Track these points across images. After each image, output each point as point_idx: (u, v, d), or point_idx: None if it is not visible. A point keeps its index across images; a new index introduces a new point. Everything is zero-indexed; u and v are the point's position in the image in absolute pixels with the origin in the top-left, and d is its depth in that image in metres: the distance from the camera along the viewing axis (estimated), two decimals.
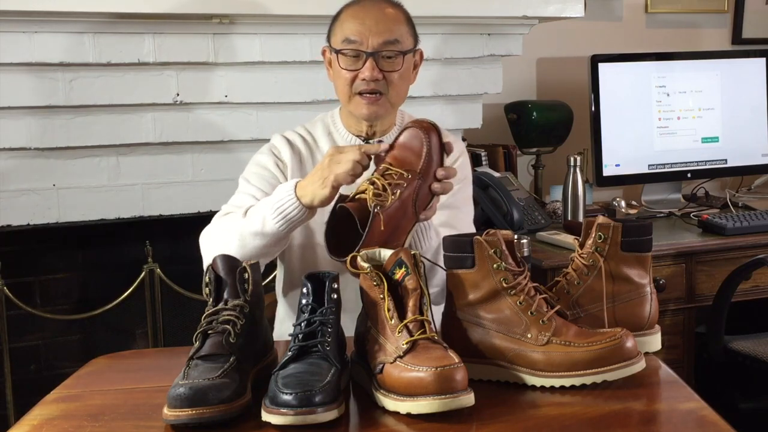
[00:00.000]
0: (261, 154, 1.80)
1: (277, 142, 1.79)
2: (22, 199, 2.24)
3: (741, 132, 3.02)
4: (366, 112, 1.69)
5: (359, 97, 1.69)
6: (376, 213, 1.33)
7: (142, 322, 2.52)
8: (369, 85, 1.67)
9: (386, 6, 1.71)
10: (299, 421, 1.06)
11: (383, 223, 1.33)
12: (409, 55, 1.71)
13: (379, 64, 1.66)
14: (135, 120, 2.28)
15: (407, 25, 1.72)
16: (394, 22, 1.68)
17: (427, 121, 1.44)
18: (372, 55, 1.65)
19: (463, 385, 1.09)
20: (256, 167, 1.77)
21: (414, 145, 1.41)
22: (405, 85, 1.74)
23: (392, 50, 1.66)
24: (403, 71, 1.69)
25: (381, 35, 1.65)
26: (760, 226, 2.53)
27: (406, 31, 1.70)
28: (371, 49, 1.65)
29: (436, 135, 1.43)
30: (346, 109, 1.75)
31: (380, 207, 1.34)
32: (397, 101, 1.73)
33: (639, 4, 3.22)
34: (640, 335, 1.31)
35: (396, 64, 1.68)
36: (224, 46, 2.29)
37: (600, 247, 1.33)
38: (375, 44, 1.65)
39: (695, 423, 1.11)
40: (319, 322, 1.17)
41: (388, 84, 1.68)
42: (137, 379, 1.35)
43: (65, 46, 2.15)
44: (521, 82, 3.05)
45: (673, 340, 2.42)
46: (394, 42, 1.66)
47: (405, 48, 1.68)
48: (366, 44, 1.66)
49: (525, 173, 3.02)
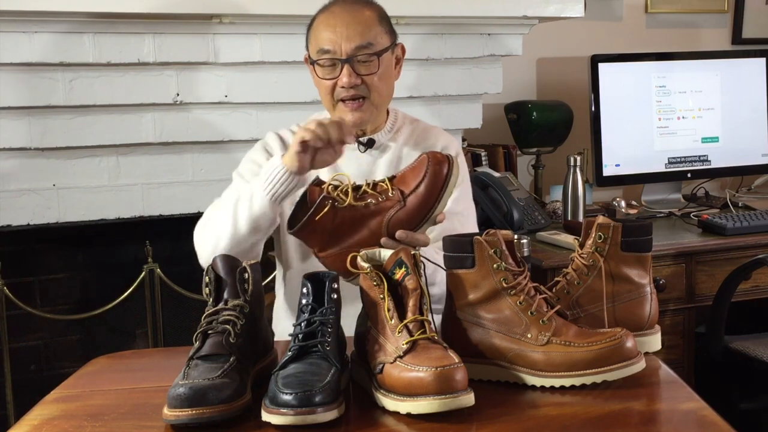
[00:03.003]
0: (254, 151, 1.81)
1: (271, 140, 1.81)
2: (22, 199, 2.24)
3: (741, 132, 3.02)
4: (351, 118, 1.70)
5: (342, 105, 1.70)
6: (323, 202, 1.33)
7: (142, 322, 2.52)
8: (349, 92, 1.67)
9: (357, 8, 1.69)
10: (299, 421, 1.06)
11: (325, 215, 1.33)
12: (386, 54, 1.70)
13: (356, 69, 1.66)
14: (135, 120, 2.28)
15: (380, 24, 1.70)
16: (366, 25, 1.67)
17: (440, 153, 1.42)
18: (347, 62, 1.65)
19: (463, 385, 1.09)
20: (249, 164, 1.78)
21: (417, 172, 1.39)
22: (387, 85, 1.73)
23: (366, 53, 1.66)
24: (381, 72, 1.68)
25: (353, 40, 1.65)
26: (760, 226, 2.53)
27: (380, 31, 1.69)
28: (346, 56, 1.65)
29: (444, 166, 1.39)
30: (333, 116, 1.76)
31: (332, 200, 1.34)
32: (381, 102, 1.73)
33: (639, 4, 3.22)
34: (640, 335, 1.31)
35: (372, 66, 1.67)
36: (224, 46, 2.29)
37: (600, 247, 1.33)
38: (348, 50, 1.65)
39: (695, 423, 1.11)
40: (319, 322, 1.17)
41: (368, 87, 1.68)
42: (137, 379, 1.35)
43: (65, 46, 2.15)
44: (521, 82, 3.05)
45: (673, 340, 2.42)
46: (367, 45, 1.66)
47: (380, 49, 1.67)
48: (340, 51, 1.65)
49: (525, 173, 3.02)
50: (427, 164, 1.38)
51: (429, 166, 1.38)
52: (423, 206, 1.38)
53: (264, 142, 1.82)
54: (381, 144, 1.79)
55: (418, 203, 1.38)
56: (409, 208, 1.38)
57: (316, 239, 1.36)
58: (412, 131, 1.83)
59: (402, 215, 1.37)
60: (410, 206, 1.38)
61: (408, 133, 1.83)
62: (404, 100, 2.48)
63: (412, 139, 1.82)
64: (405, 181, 1.39)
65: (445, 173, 1.39)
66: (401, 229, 1.37)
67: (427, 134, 1.85)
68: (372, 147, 1.79)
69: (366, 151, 1.79)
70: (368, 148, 1.79)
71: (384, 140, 1.79)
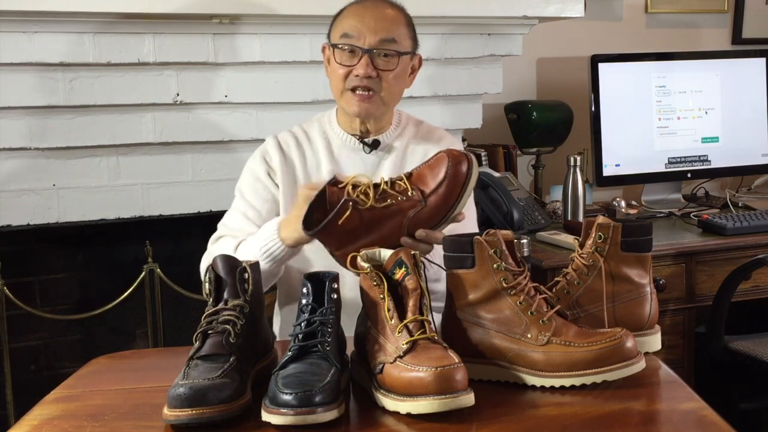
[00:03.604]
0: (254, 160, 1.81)
1: (270, 147, 1.80)
2: (22, 199, 2.24)
3: (741, 132, 3.02)
4: (357, 109, 1.70)
5: (351, 94, 1.69)
6: (345, 204, 1.31)
7: (142, 322, 2.52)
8: (362, 82, 1.67)
9: (388, 7, 1.72)
10: (299, 421, 1.06)
11: (347, 218, 1.31)
12: (406, 57, 1.70)
13: (375, 61, 1.66)
14: (135, 120, 2.28)
15: (407, 28, 1.72)
16: (394, 22, 1.69)
17: (458, 151, 1.40)
18: (368, 52, 1.66)
19: (463, 385, 1.09)
20: (250, 178, 1.79)
21: (437, 170, 1.37)
22: (399, 87, 1.73)
23: (389, 49, 1.67)
24: (398, 72, 1.69)
25: (378, 33, 1.66)
26: (760, 226, 2.53)
27: (405, 33, 1.71)
28: (367, 46, 1.66)
29: (464, 165, 1.37)
30: (339, 105, 1.76)
31: (354, 203, 1.32)
32: (390, 101, 1.73)
33: (639, 4, 3.22)
34: (640, 335, 1.31)
35: (391, 63, 1.68)
36: (224, 46, 2.29)
37: (600, 247, 1.33)
38: (372, 41, 1.66)
39: (695, 423, 1.11)
40: (319, 322, 1.17)
41: (382, 82, 1.68)
42: (137, 379, 1.35)
43: (65, 46, 2.15)
44: (521, 82, 3.05)
45: (673, 340, 2.42)
46: (391, 41, 1.67)
47: (402, 49, 1.69)
48: (363, 40, 1.66)
49: (525, 173, 3.02)
50: (448, 163, 1.37)
51: (449, 165, 1.36)
52: (443, 206, 1.37)
53: (263, 150, 1.81)
54: (386, 145, 1.79)
55: (438, 203, 1.37)
56: (430, 207, 1.36)
57: (334, 240, 1.34)
58: (416, 132, 1.83)
59: (422, 215, 1.36)
60: (431, 206, 1.36)
61: (412, 134, 1.83)
62: (404, 100, 2.45)
63: (417, 140, 1.82)
64: (424, 180, 1.37)
65: (465, 172, 1.38)
66: (421, 228, 1.36)
67: (431, 135, 1.85)
68: (377, 148, 1.79)
69: (371, 152, 1.79)
70: (373, 149, 1.79)
71: (389, 141, 1.80)
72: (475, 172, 1.38)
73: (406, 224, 1.36)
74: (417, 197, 1.36)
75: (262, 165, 1.79)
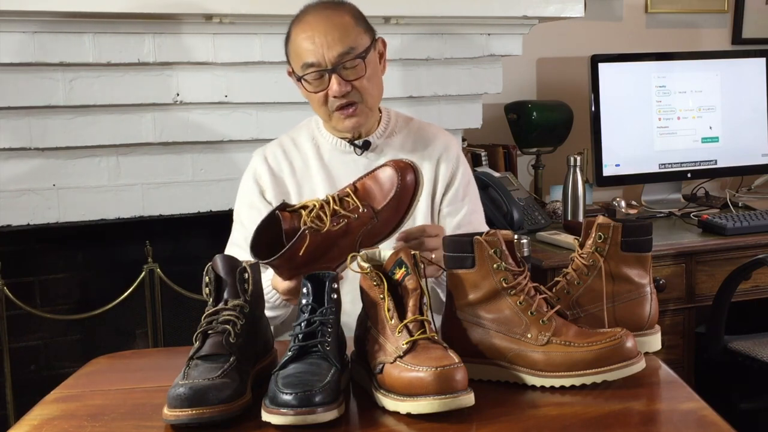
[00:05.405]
0: (246, 183, 1.80)
1: (258, 165, 1.79)
2: (22, 199, 2.23)
3: (741, 132, 3.02)
4: (349, 125, 1.70)
5: (338, 113, 1.68)
6: (304, 234, 1.29)
7: (142, 322, 2.52)
8: (341, 100, 1.66)
9: (330, 14, 1.66)
10: (299, 421, 1.06)
11: (306, 246, 1.29)
12: (369, 54, 1.67)
13: (344, 75, 1.64)
14: (135, 120, 2.28)
15: (358, 25, 1.67)
16: (343, 29, 1.64)
17: (404, 161, 1.40)
18: (334, 71, 1.63)
19: (463, 385, 1.09)
20: (246, 206, 1.78)
21: (384, 183, 1.37)
22: (376, 85, 1.72)
23: (351, 59, 1.63)
24: (369, 74, 1.66)
25: (333, 48, 1.62)
26: (760, 226, 2.53)
27: (358, 33, 1.66)
28: (331, 65, 1.63)
29: (411, 175, 1.38)
30: (330, 125, 1.75)
31: (311, 230, 1.30)
32: (374, 103, 1.72)
33: (639, 4, 3.22)
34: (640, 335, 1.31)
35: (359, 70, 1.65)
36: (224, 46, 2.29)
37: (600, 247, 1.33)
38: (331, 57, 1.62)
39: (695, 423, 1.11)
40: (319, 322, 1.17)
41: (359, 92, 1.66)
42: (137, 379, 1.35)
43: (65, 46, 2.15)
44: (521, 82, 3.05)
45: (673, 340, 2.42)
46: (349, 51, 1.63)
47: (362, 50, 1.65)
48: (324, 62, 1.63)
49: (525, 173, 3.02)
50: (395, 175, 1.36)
51: (398, 178, 1.36)
52: (394, 218, 1.38)
53: (253, 169, 1.80)
54: (377, 145, 1.78)
55: (389, 217, 1.37)
56: (382, 222, 1.37)
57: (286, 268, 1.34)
58: (408, 131, 1.82)
59: (375, 230, 1.36)
60: (382, 221, 1.37)
61: (404, 134, 1.82)
62: (404, 100, 2.48)
63: (410, 139, 1.82)
64: (371, 194, 1.36)
65: (414, 182, 1.38)
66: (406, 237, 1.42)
67: (424, 132, 1.84)
68: (368, 149, 1.78)
69: (363, 154, 1.78)
70: (364, 151, 1.78)
71: (379, 141, 1.79)
72: (422, 181, 1.39)
73: (359, 240, 1.35)
74: (369, 214, 1.35)
75: (255, 187, 1.77)
